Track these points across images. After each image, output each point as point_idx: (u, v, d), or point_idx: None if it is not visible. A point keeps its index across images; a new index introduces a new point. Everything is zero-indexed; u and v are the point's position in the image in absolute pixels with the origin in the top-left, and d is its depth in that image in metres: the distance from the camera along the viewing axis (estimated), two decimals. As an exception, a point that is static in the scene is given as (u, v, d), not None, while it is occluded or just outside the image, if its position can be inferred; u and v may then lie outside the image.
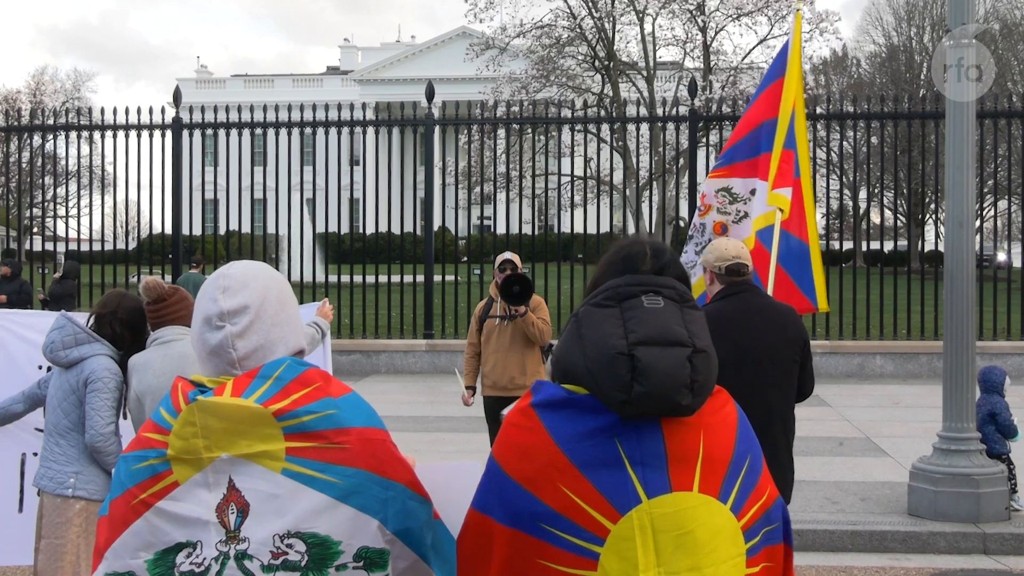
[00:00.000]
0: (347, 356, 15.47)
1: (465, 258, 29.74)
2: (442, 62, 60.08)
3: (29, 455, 5.42)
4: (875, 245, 29.88)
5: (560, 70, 31.79)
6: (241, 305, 2.05)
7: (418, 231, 19.44)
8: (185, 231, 16.62)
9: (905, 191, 26.21)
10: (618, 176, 27.21)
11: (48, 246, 27.09)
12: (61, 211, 36.81)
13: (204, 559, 1.96)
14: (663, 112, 16.43)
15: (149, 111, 16.30)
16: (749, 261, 4.86)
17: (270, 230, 17.57)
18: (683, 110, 16.32)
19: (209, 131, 16.60)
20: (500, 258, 7.50)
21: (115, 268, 17.62)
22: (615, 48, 32.56)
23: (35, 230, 25.65)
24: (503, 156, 24.02)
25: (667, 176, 21.09)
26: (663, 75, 34.93)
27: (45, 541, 4.69)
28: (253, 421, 1.95)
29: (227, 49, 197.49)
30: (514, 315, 7.24)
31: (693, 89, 15.77)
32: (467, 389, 7.70)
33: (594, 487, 1.93)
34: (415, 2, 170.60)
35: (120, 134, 16.49)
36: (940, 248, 13.96)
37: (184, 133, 16.37)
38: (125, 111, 16.34)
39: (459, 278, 17.42)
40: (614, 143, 21.58)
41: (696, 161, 16.16)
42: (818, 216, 20.50)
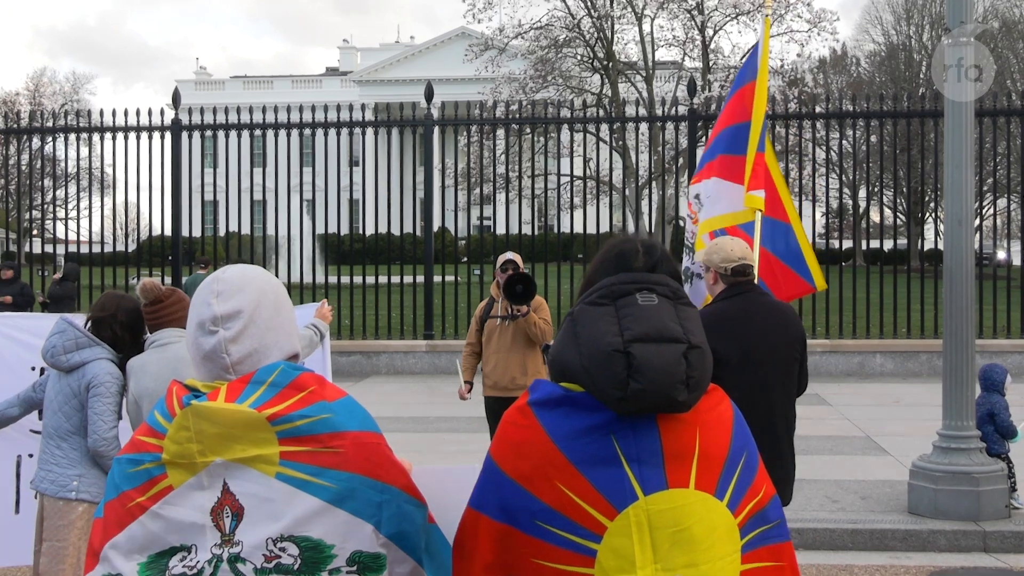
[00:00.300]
0: (347, 357, 15.47)
1: (465, 259, 29.73)
2: (441, 63, 60.01)
3: (24, 457, 5.43)
4: (875, 244, 29.84)
5: (559, 71, 31.79)
6: (235, 309, 2.04)
7: (418, 232, 19.44)
8: (185, 233, 16.60)
9: (904, 190, 26.20)
10: (617, 176, 27.19)
11: (48, 248, 27.08)
12: (61, 213, 36.79)
13: (198, 562, 1.96)
14: (662, 112, 16.42)
15: (148, 113, 16.31)
16: (754, 261, 4.89)
17: (270, 231, 17.55)
18: (682, 110, 16.31)
19: (208, 132, 16.58)
20: (502, 258, 7.51)
21: (115, 270, 17.64)
22: (614, 48, 32.56)
23: (35, 232, 25.66)
24: (502, 156, 24.01)
25: (666, 176, 21.07)
26: (662, 75, 34.95)
27: (47, 544, 4.70)
28: (247, 425, 1.95)
29: (225, 50, 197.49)
30: (515, 315, 7.24)
31: (692, 88, 15.78)
32: (465, 383, 7.72)
33: (591, 484, 1.93)
34: (414, 3, 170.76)
35: (119, 136, 16.50)
36: (940, 246, 13.95)
37: (183, 134, 16.37)
38: (124, 113, 16.35)
39: (459, 279, 17.42)
40: (613, 143, 21.57)
41: (696, 161, 16.12)
42: (818, 215, 20.62)
